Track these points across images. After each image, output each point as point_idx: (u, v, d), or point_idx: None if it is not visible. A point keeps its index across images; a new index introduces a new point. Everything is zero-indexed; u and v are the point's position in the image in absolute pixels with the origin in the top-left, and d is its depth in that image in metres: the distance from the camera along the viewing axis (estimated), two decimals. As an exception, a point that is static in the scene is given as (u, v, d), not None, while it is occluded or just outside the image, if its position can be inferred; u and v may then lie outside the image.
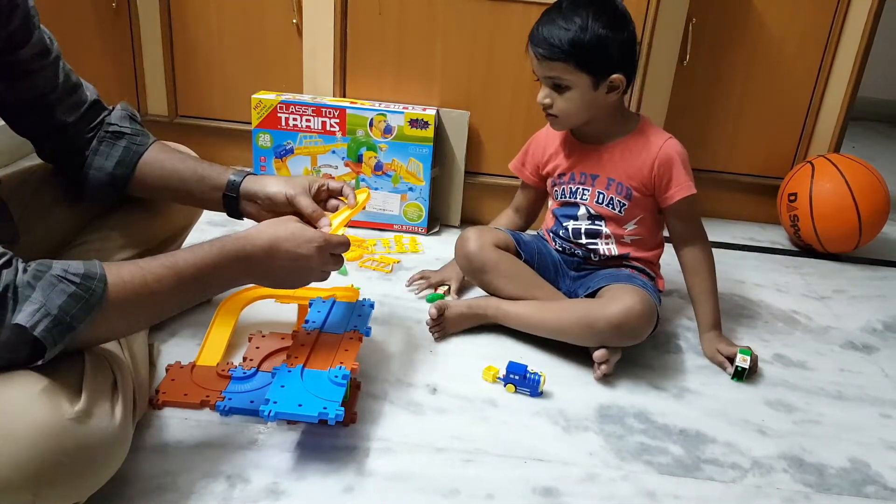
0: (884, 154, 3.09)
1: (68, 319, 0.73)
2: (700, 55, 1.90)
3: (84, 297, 0.74)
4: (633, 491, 1.00)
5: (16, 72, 0.92)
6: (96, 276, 0.76)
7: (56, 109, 1.00)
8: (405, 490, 0.95)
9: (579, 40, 1.19)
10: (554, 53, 1.20)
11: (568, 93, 1.24)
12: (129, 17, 1.92)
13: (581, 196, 1.35)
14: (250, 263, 0.94)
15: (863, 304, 1.67)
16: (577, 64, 1.20)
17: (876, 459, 1.12)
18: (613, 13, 1.22)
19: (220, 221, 1.75)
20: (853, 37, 1.88)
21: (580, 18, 1.19)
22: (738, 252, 1.90)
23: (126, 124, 1.10)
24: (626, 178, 1.31)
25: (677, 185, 1.29)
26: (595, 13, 1.19)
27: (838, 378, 1.34)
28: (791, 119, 1.99)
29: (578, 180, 1.35)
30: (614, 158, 1.31)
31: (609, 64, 1.22)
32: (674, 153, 1.29)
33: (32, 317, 0.70)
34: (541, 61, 1.23)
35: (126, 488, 0.89)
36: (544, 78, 1.25)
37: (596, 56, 1.20)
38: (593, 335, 1.22)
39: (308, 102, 1.72)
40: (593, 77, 1.22)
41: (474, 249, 1.36)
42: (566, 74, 1.22)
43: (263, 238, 0.95)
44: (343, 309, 1.19)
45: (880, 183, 1.85)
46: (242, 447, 1.00)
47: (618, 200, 1.32)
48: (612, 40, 1.20)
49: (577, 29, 1.19)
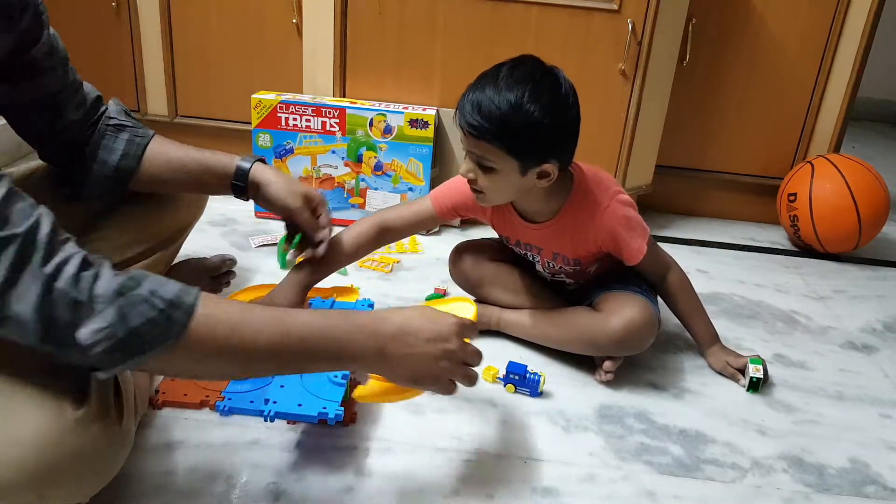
0: (884, 154, 3.09)
1: (138, 344, 0.68)
2: (700, 55, 1.90)
3: (161, 325, 0.69)
4: (632, 491, 1.00)
5: (28, 71, 0.92)
6: (182, 306, 0.70)
7: (66, 108, 1.00)
8: (405, 490, 0.95)
9: (509, 122, 1.03)
10: (480, 132, 1.05)
11: (492, 174, 1.09)
12: (129, 17, 1.92)
13: (533, 257, 1.31)
14: (380, 339, 0.81)
15: (863, 305, 1.67)
16: (504, 147, 1.05)
17: (876, 459, 1.12)
18: (555, 95, 1.06)
19: (221, 221, 1.75)
20: (853, 37, 1.88)
21: (514, 96, 1.03)
22: (737, 252, 1.90)
23: (124, 118, 1.09)
24: (571, 251, 1.23)
25: (628, 254, 1.20)
26: (532, 93, 1.03)
27: (838, 378, 1.34)
28: (791, 119, 1.99)
29: (524, 248, 1.29)
30: (553, 236, 1.22)
31: (540, 151, 1.07)
32: (613, 225, 1.18)
33: (95, 335, 0.66)
34: (466, 135, 1.08)
35: (127, 488, 0.90)
36: (468, 153, 1.10)
37: (526, 142, 1.05)
38: (596, 349, 1.23)
39: (308, 102, 1.72)
40: (521, 163, 1.07)
41: (469, 266, 1.36)
42: (491, 156, 1.07)
43: (396, 318, 0.83)
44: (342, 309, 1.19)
45: (880, 183, 1.85)
46: (242, 447, 1.00)
47: (567, 267, 1.28)
48: (546, 127, 1.04)
49: (510, 109, 1.02)
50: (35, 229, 0.66)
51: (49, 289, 0.65)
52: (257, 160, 1.13)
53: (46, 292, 0.65)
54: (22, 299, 0.64)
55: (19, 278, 0.64)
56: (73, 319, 0.66)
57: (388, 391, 0.95)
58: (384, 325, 0.82)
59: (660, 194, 2.01)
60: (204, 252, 1.41)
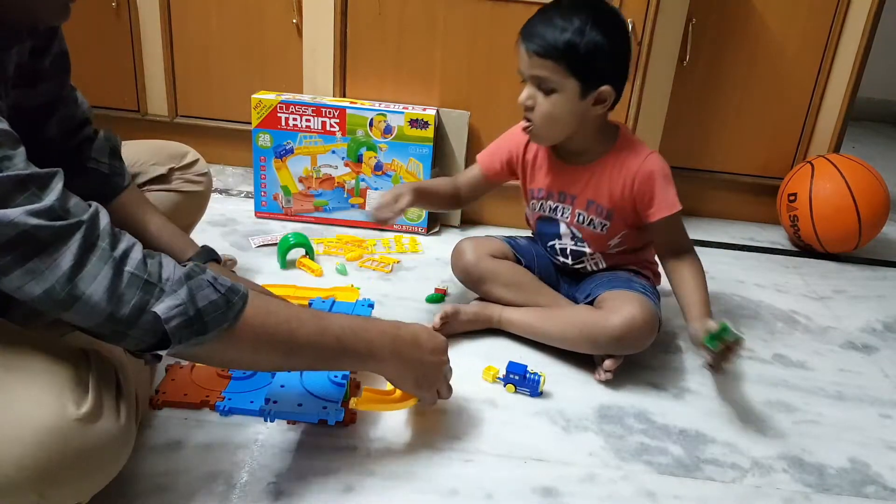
0: (884, 154, 3.09)
1: (203, 323, 0.75)
2: (700, 55, 1.90)
3: (222, 308, 0.76)
4: (632, 491, 1.00)
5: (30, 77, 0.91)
6: (239, 293, 0.79)
7: (49, 120, 0.98)
8: (405, 490, 0.95)
9: (574, 43, 1.11)
10: (546, 51, 1.12)
11: (554, 96, 1.15)
12: (129, 17, 1.92)
13: (561, 214, 1.32)
14: (399, 342, 0.94)
15: (862, 305, 1.67)
16: (569, 67, 1.12)
17: (876, 459, 1.12)
18: (613, 21, 1.16)
19: (221, 222, 1.75)
20: (853, 37, 1.88)
21: (579, 20, 1.11)
22: (737, 252, 1.90)
23: (105, 160, 1.06)
24: (606, 200, 1.25)
25: (659, 204, 1.23)
26: (595, 18, 1.12)
27: (838, 378, 1.34)
28: (791, 119, 1.99)
29: (557, 199, 1.31)
30: (593, 179, 1.26)
31: (601, 74, 1.14)
32: (654, 170, 1.22)
33: (171, 311, 0.72)
34: (531, 57, 1.14)
35: (126, 488, 0.89)
36: (530, 77, 1.16)
37: (589, 62, 1.12)
38: (596, 347, 1.23)
39: (308, 102, 1.72)
40: (582, 84, 1.14)
41: (471, 261, 1.36)
42: (555, 75, 1.13)
43: (407, 328, 0.97)
44: (342, 309, 1.19)
45: (880, 183, 1.85)
46: (242, 447, 1.00)
47: (598, 221, 1.28)
48: (607, 49, 1.13)
49: (575, 31, 1.11)
50: (96, 218, 0.72)
51: (119, 271, 0.71)
52: (212, 259, 1.10)
53: (117, 274, 0.70)
54: (93, 280, 0.69)
55: (88, 260, 0.69)
56: (142, 300, 0.72)
57: (383, 401, 1.03)
58: (401, 332, 0.95)
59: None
60: (204, 252, 1.41)
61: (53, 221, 0.67)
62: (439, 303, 1.45)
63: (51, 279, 0.67)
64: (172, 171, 1.26)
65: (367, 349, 0.91)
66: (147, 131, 1.99)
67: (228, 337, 0.77)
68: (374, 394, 1.03)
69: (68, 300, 0.68)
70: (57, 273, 0.67)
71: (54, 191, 0.69)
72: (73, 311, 0.69)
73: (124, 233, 0.75)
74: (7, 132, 0.68)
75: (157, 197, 1.21)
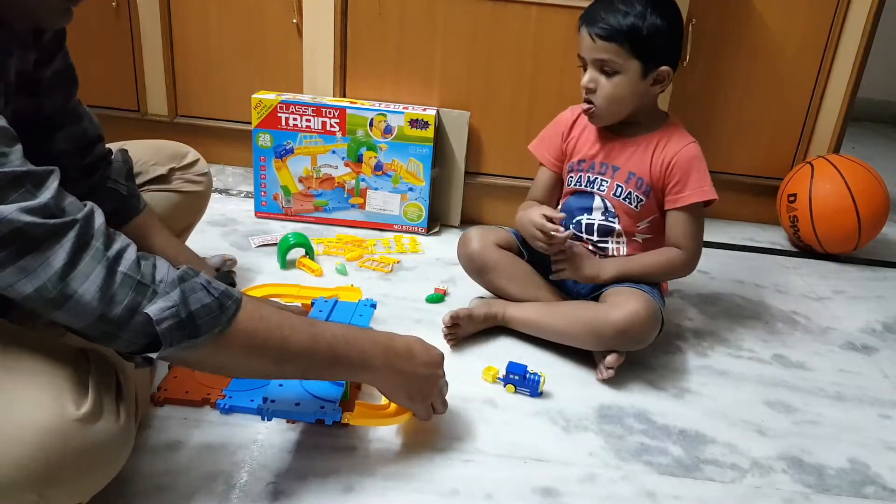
0: (883, 155, 3.09)
1: (195, 326, 0.74)
2: (700, 56, 1.90)
3: (215, 312, 0.76)
4: (632, 491, 1.00)
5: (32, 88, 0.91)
6: (233, 297, 0.78)
7: (57, 134, 0.98)
8: (405, 490, 0.95)
9: (637, 26, 1.19)
10: (610, 34, 1.19)
11: (616, 77, 1.22)
12: (129, 16, 1.92)
13: (598, 186, 1.33)
14: (391, 353, 0.93)
15: (862, 305, 1.67)
16: (632, 49, 1.20)
17: (875, 460, 1.12)
18: (671, 5, 1.23)
19: (221, 222, 1.75)
20: (853, 38, 1.88)
21: (640, 4, 1.19)
22: (737, 252, 1.90)
23: (123, 181, 1.08)
24: (647, 174, 1.30)
25: (693, 188, 1.28)
26: (655, 3, 1.20)
27: (838, 379, 1.34)
28: (791, 120, 1.99)
29: (599, 170, 1.34)
30: (638, 153, 1.30)
31: (660, 54, 1.22)
32: (696, 155, 1.29)
33: (163, 312, 0.72)
34: (595, 41, 1.21)
35: (126, 488, 0.90)
36: (593, 60, 1.23)
37: (650, 44, 1.20)
38: (599, 341, 1.23)
39: (308, 102, 1.72)
40: (644, 65, 1.22)
41: (476, 249, 1.37)
42: (618, 58, 1.21)
43: (401, 339, 0.96)
44: (345, 309, 1.19)
45: (880, 184, 1.85)
46: (242, 447, 1.00)
47: (635, 195, 1.31)
48: (667, 31, 1.21)
49: (637, 14, 1.19)
50: (91, 217, 0.71)
51: (112, 271, 0.70)
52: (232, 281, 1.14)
53: (110, 274, 0.70)
54: (85, 280, 0.68)
55: (81, 259, 0.69)
56: (134, 301, 0.71)
57: (376, 416, 1.02)
58: (394, 342, 0.94)
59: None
60: (204, 252, 1.41)
61: (47, 219, 0.67)
62: (439, 303, 1.45)
63: (43, 277, 0.67)
64: (173, 171, 1.26)
65: (360, 359, 0.90)
66: (147, 131, 1.99)
67: (221, 341, 0.77)
68: (368, 408, 1.03)
69: (60, 299, 0.68)
70: (49, 271, 0.67)
71: (49, 189, 0.69)
72: (64, 310, 0.69)
73: (119, 233, 0.74)
74: (3, 128, 0.68)
75: (157, 197, 1.20)
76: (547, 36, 1.71)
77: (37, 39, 0.88)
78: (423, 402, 0.98)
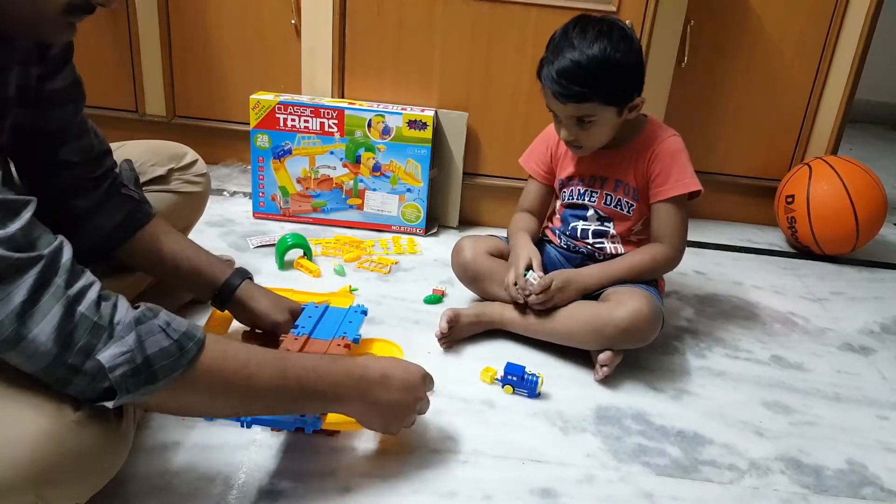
0: (881, 156, 3.09)
1: (152, 371, 0.71)
2: (698, 57, 1.90)
3: (175, 355, 0.73)
4: (630, 492, 1.00)
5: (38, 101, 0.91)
6: (194, 339, 0.75)
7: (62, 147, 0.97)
8: (403, 491, 0.95)
9: (601, 76, 1.15)
10: (579, 96, 1.16)
11: (593, 127, 1.22)
12: (128, 16, 1.92)
13: (589, 198, 1.35)
14: (365, 384, 0.90)
15: (860, 306, 1.67)
16: (603, 100, 1.18)
17: (873, 461, 1.12)
18: (625, 38, 1.18)
19: (219, 222, 1.75)
20: (850, 39, 1.89)
21: (598, 51, 1.14)
22: (735, 254, 1.91)
23: (133, 188, 1.08)
24: (633, 179, 1.30)
25: (675, 180, 1.27)
26: (610, 42, 1.15)
27: (835, 380, 1.34)
28: (789, 121, 2.00)
29: (587, 183, 1.35)
30: (623, 161, 1.31)
31: (631, 90, 1.21)
32: (675, 148, 1.28)
33: (115, 359, 0.69)
34: (564, 104, 1.19)
35: (124, 489, 0.89)
36: (566, 118, 1.22)
37: (619, 87, 1.18)
38: (602, 340, 1.23)
39: (306, 103, 1.72)
40: (618, 107, 1.21)
41: (469, 258, 1.37)
42: (591, 111, 1.19)
43: (377, 365, 0.93)
44: (335, 315, 1.18)
45: (877, 185, 1.86)
46: (239, 448, 1.00)
47: (626, 202, 1.32)
48: (631, 68, 1.19)
49: (598, 64, 1.14)
50: (58, 253, 0.69)
51: (71, 311, 0.68)
52: (247, 278, 1.15)
53: (68, 314, 0.67)
54: (41, 319, 0.66)
55: (41, 298, 0.66)
56: (89, 343, 0.69)
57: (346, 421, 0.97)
58: (368, 371, 0.91)
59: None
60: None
61: (12, 252, 0.65)
62: (438, 304, 1.45)
63: (1, 314, 0.64)
64: (172, 171, 1.26)
65: (332, 392, 0.88)
66: (145, 131, 1.99)
67: (182, 384, 0.74)
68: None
69: (14, 338, 0.65)
70: (8, 307, 0.64)
71: (21, 220, 0.66)
72: (17, 350, 0.66)
73: (86, 270, 0.72)
74: None
75: (156, 197, 1.20)
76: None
77: (42, 54, 0.88)
78: (397, 427, 0.96)
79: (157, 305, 0.75)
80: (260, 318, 1.15)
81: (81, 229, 1.03)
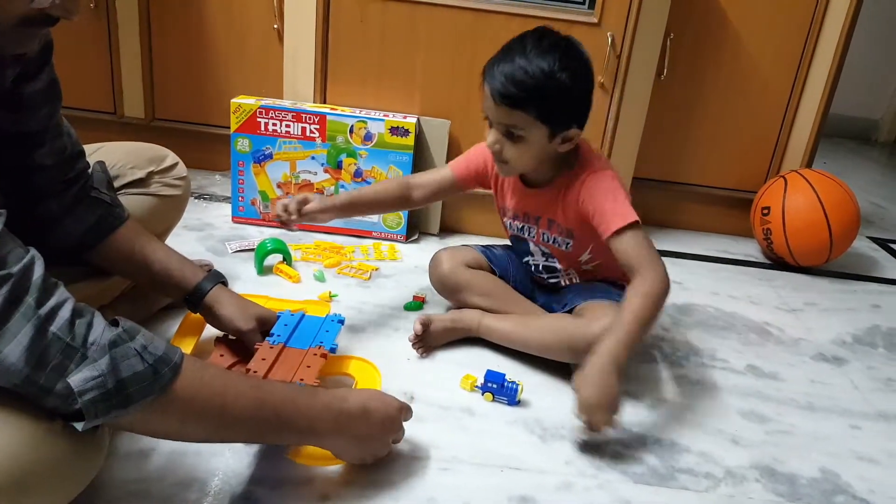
0: (854, 170, 3.16)
1: (124, 395, 0.69)
2: (677, 70, 1.93)
3: (148, 380, 0.71)
4: (608, 500, 1.00)
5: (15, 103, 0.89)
6: (170, 363, 0.73)
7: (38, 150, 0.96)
8: (381, 499, 0.95)
9: (542, 89, 1.09)
10: (515, 100, 1.10)
11: (521, 143, 1.15)
12: (108, 17, 1.90)
13: (529, 233, 1.33)
14: (343, 418, 0.89)
15: (833, 317, 1.70)
16: (538, 115, 1.11)
17: (846, 470, 1.14)
18: (580, 62, 1.13)
19: (197, 226, 1.74)
20: (826, 55, 1.92)
21: (546, 64, 1.08)
22: (711, 264, 1.93)
23: (105, 190, 1.06)
24: (563, 219, 1.26)
25: (609, 219, 1.17)
26: (562, 60, 1.09)
27: (809, 389, 1.36)
28: (765, 134, 2.03)
29: (522, 219, 1.33)
30: (553, 200, 1.26)
31: (568, 117, 1.14)
32: (599, 187, 1.19)
33: (86, 383, 0.67)
34: (498, 106, 1.12)
35: (100, 495, 0.88)
36: (497, 123, 1.15)
37: (557, 108, 1.11)
38: (576, 354, 1.22)
39: (288, 108, 1.71)
40: (550, 129, 1.13)
41: (446, 271, 1.38)
42: (522, 123, 1.12)
43: (356, 399, 0.92)
44: (311, 324, 1.17)
45: (851, 198, 1.89)
46: (216, 454, 0.98)
47: (561, 239, 1.29)
48: (575, 94, 1.12)
49: (543, 76, 1.08)
50: (29, 270, 0.67)
51: (42, 331, 0.66)
52: (220, 283, 1.14)
53: (39, 334, 0.65)
54: (11, 339, 0.64)
55: (10, 318, 0.64)
56: (62, 364, 0.67)
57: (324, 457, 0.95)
58: (347, 404, 0.90)
59: (636, 206, 1.98)
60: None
61: None
62: (418, 310, 1.45)
63: None
64: (151, 174, 1.24)
65: (308, 426, 0.86)
66: (122, 133, 1.97)
67: (154, 408, 0.72)
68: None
69: None
70: None
71: None
72: None
73: (59, 286, 0.70)
74: None
75: (135, 200, 1.19)
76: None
77: (19, 56, 0.85)
78: (372, 458, 0.96)
79: (136, 325, 0.73)
80: (224, 324, 1.13)
81: (52, 233, 1.01)
